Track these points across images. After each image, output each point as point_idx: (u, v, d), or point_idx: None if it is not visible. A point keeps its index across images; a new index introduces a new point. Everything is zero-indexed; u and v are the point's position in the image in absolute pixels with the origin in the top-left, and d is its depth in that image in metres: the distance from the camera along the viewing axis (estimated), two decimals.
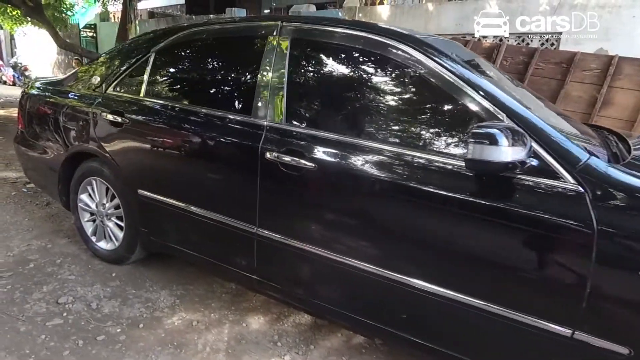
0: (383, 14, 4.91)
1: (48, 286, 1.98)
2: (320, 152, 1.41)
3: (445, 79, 1.27)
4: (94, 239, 2.25)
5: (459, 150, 1.22)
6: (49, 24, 6.53)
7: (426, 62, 1.31)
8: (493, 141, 1.02)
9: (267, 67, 1.59)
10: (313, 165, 1.40)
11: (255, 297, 1.99)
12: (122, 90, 1.99)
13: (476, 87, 1.24)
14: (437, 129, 1.30)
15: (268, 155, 1.48)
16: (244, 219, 1.60)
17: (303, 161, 1.42)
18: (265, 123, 1.54)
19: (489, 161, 1.03)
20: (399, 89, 1.41)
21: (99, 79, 2.09)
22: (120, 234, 2.12)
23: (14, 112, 7.41)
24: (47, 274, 2.09)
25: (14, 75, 12.40)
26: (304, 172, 1.42)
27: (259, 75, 1.60)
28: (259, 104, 1.57)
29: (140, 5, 7.19)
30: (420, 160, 1.26)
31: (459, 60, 1.35)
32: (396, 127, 1.35)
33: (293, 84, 1.54)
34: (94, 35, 11.40)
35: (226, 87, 1.76)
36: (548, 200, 1.09)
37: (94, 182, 2.14)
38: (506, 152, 1.02)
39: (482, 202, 1.14)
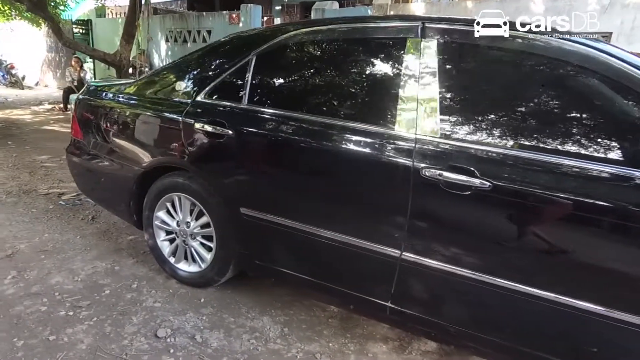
0: (417, 11, 4.78)
1: (137, 317, 1.78)
2: (497, 170, 1.26)
3: None
4: (172, 260, 2.05)
5: None
6: (51, 20, 6.12)
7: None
8: None
9: (411, 74, 1.44)
10: (487, 184, 1.26)
11: (365, 321, 1.85)
12: (217, 98, 1.80)
13: None
14: None
15: (427, 172, 1.33)
16: (386, 243, 1.45)
17: (474, 179, 1.27)
18: (415, 136, 1.39)
19: None
20: (590, 102, 1.28)
21: (184, 84, 1.89)
22: (208, 255, 1.93)
23: (11, 113, 6.96)
24: (129, 302, 1.88)
25: None
26: (474, 191, 1.28)
27: (400, 83, 1.45)
28: (404, 115, 1.42)
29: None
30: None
31: None
32: (598, 142, 1.22)
33: (447, 91, 1.39)
34: (84, 31, 10.82)
35: (354, 96, 1.59)
36: None
37: (175, 199, 1.94)
38: None
39: None
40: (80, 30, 10.92)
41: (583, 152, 1.21)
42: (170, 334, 1.67)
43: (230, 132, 1.68)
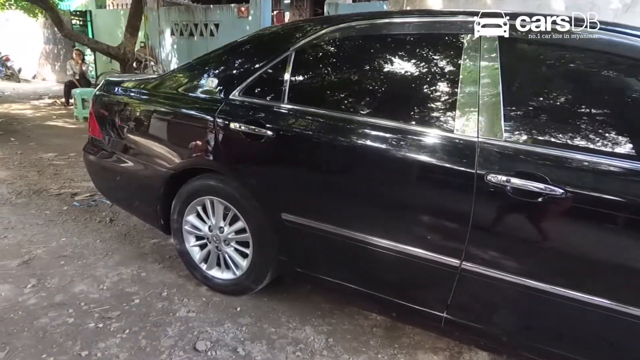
0: (435, 6, 4.59)
1: (172, 328, 1.68)
2: (571, 176, 1.16)
3: None
4: (203, 266, 1.95)
5: None
6: (51, 10, 5.90)
7: None
8: None
9: (470, 72, 1.33)
10: (560, 191, 1.16)
11: (410, 330, 1.76)
12: (253, 96, 1.68)
13: None
14: None
15: (492, 178, 1.23)
16: (445, 252, 1.35)
17: (545, 186, 1.17)
18: (476, 140, 1.28)
19: None
20: None
21: (216, 81, 1.76)
22: (243, 262, 1.83)
23: (10, 108, 6.77)
24: (161, 312, 1.78)
25: None
26: (546, 199, 1.18)
27: (458, 82, 1.34)
28: (464, 117, 1.31)
29: None
30: None
31: None
32: None
33: (511, 91, 1.29)
34: (82, 22, 10.52)
35: (407, 96, 1.46)
36: None
37: (207, 202, 1.83)
38: None
39: None
40: (78, 22, 10.63)
41: None
42: (210, 347, 1.58)
43: (270, 132, 1.57)
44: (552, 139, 1.23)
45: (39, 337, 1.60)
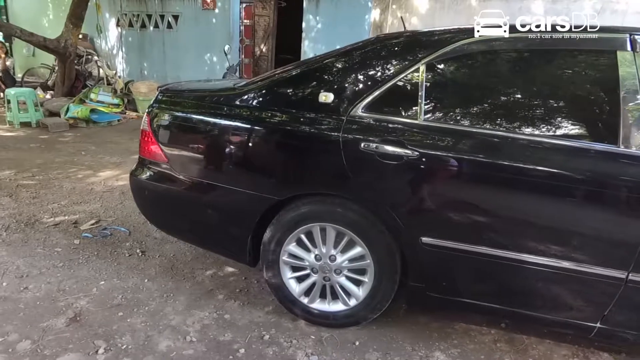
0: (420, 7, 4.69)
1: None
2: None
3: None
4: (304, 299, 1.74)
5: None
6: None
7: None
8: None
9: (630, 88, 1.36)
10: None
11: (527, 339, 1.77)
12: (380, 112, 1.52)
13: None
14: None
15: None
16: (611, 265, 1.38)
17: None
18: None
19: None
20: None
21: (332, 95, 1.56)
22: (359, 291, 1.68)
23: None
24: None
25: None
26: None
27: (619, 97, 1.36)
28: (629, 131, 1.34)
29: None
30: None
31: None
32: None
33: None
34: None
35: (559, 112, 1.43)
36: None
37: (316, 229, 1.64)
38: None
39: None
40: None
41: None
42: None
43: (410, 153, 1.44)
44: None
45: None
